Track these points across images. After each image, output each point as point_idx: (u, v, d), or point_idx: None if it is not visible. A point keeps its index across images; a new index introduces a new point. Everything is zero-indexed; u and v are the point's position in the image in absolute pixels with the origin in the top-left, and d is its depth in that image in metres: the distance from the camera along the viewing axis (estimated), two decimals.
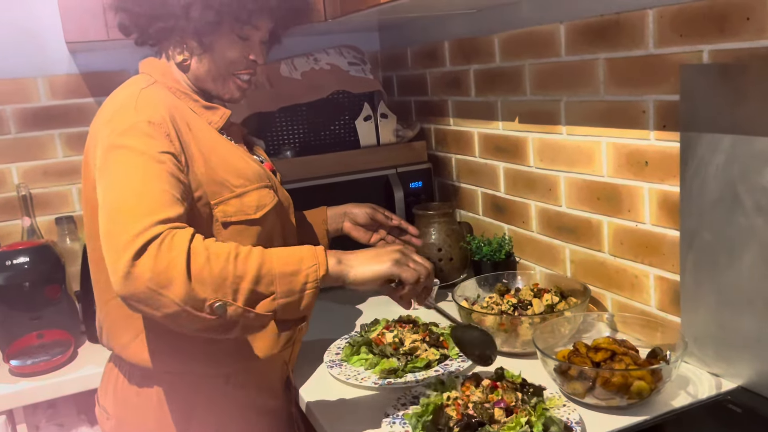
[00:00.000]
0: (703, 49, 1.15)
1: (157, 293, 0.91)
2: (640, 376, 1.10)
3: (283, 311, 0.99)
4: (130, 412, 1.20)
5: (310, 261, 1.00)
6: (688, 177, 1.21)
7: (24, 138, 1.96)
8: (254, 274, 0.96)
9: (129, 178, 1.01)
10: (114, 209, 0.97)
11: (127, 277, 0.91)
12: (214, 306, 0.93)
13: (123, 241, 0.92)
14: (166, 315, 0.93)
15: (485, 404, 1.08)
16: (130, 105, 1.10)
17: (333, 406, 1.25)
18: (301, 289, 0.99)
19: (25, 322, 1.58)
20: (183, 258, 0.92)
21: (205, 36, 1.17)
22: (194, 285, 0.92)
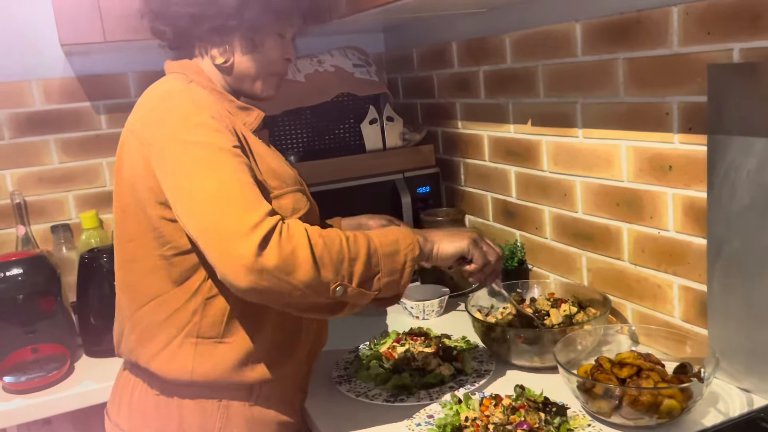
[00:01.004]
0: (734, 48, 1.09)
1: (283, 280, 0.95)
2: (670, 394, 1.04)
3: (386, 289, 1.06)
4: (148, 428, 1.14)
5: (406, 241, 1.07)
6: (717, 182, 1.15)
7: (18, 143, 1.90)
8: (365, 256, 1.02)
9: (220, 173, 1.00)
10: (219, 204, 0.97)
11: (253, 266, 0.92)
12: (335, 289, 0.99)
13: (241, 232, 0.94)
14: (286, 303, 1.00)
15: (507, 426, 1.02)
16: (185, 100, 1.09)
17: (343, 425, 1.18)
18: (401, 268, 1.06)
19: (19, 337, 1.51)
20: (306, 244, 0.97)
21: (255, 34, 1.16)
22: (320, 270, 0.97)
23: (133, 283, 1.15)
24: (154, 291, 1.12)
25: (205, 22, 1.14)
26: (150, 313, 1.12)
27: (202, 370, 1.11)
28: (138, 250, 1.12)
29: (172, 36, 1.19)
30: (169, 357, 1.11)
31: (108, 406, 1.24)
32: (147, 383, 1.16)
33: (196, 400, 1.13)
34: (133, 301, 1.15)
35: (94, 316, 1.59)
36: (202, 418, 1.13)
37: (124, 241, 1.15)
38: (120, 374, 1.23)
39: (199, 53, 1.19)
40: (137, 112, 1.13)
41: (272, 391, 1.19)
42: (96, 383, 1.49)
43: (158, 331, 1.12)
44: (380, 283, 1.04)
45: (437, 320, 1.64)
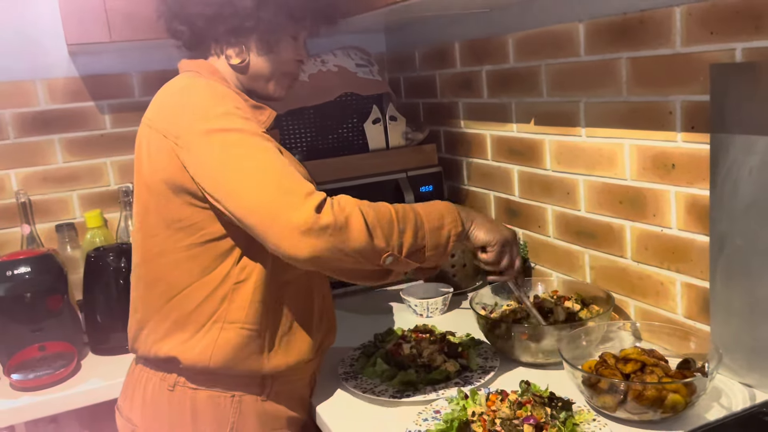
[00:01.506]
0: (736, 48, 1.11)
1: (338, 247, 0.98)
2: (674, 389, 1.05)
3: (430, 261, 1.10)
4: (161, 422, 1.15)
5: (450, 217, 1.11)
6: (719, 180, 1.16)
7: (23, 143, 1.91)
8: (413, 229, 1.06)
9: (261, 154, 1.03)
10: (269, 181, 1.00)
11: (311, 231, 0.96)
12: (386, 258, 1.04)
13: (295, 203, 0.97)
14: (341, 267, 1.04)
15: (513, 420, 1.03)
16: (208, 92, 1.11)
17: (349, 421, 1.19)
18: (445, 243, 1.10)
19: (26, 335, 1.52)
20: (359, 214, 1.01)
21: (271, 36, 1.18)
22: (374, 239, 1.01)
23: (161, 276, 1.15)
24: (184, 281, 1.13)
25: (222, 23, 1.16)
26: (181, 303, 1.13)
27: (221, 356, 1.12)
28: (164, 244, 1.13)
29: (189, 36, 1.21)
30: (195, 343, 1.13)
31: (119, 402, 1.25)
32: (160, 378, 1.17)
33: (209, 394, 1.15)
34: (162, 294, 1.15)
35: (101, 314, 1.60)
36: (215, 412, 1.14)
37: (148, 237, 1.16)
38: (132, 370, 1.24)
39: (214, 53, 1.21)
40: (155, 108, 1.15)
41: (283, 386, 1.20)
42: (103, 381, 1.49)
43: (189, 320, 1.13)
44: (425, 256, 1.09)
45: (441, 318, 1.65)
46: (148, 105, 1.18)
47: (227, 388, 1.15)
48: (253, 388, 1.16)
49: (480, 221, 1.17)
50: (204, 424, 1.14)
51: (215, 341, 1.12)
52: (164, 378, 1.16)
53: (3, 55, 1.85)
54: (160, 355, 1.15)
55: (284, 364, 1.17)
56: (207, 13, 1.17)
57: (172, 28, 1.23)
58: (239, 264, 1.12)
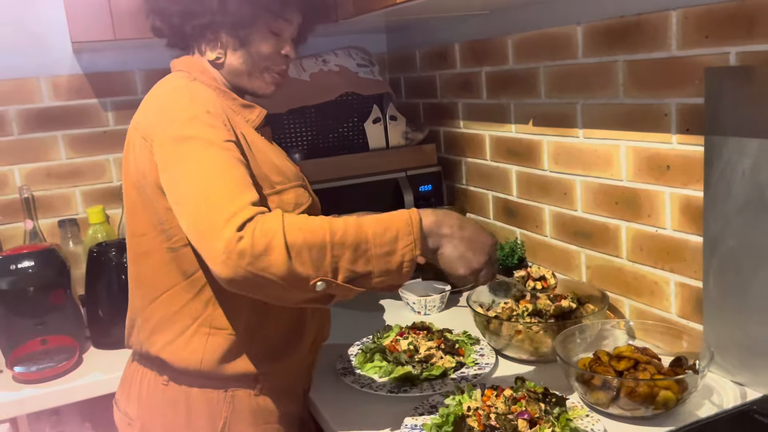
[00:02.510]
0: (730, 51, 1.13)
1: (259, 276, 0.92)
2: (666, 386, 1.07)
3: (381, 287, 1.00)
4: (157, 416, 1.17)
5: (406, 240, 0.98)
6: (713, 181, 1.18)
7: (26, 139, 1.93)
8: (353, 254, 0.96)
9: (206, 167, 1.01)
10: (201, 198, 0.97)
11: (228, 259, 0.91)
12: (316, 285, 0.95)
13: (218, 225, 0.93)
14: (266, 294, 0.97)
15: (508, 415, 1.05)
16: (184, 96, 1.10)
17: (348, 415, 1.21)
18: (397, 269, 0.98)
19: (29, 328, 1.54)
20: (281, 238, 0.92)
21: (240, 30, 1.17)
22: (295, 265, 0.93)
23: (145, 276, 1.18)
24: (166, 283, 1.15)
25: (193, 19, 1.16)
26: (164, 304, 1.15)
27: (211, 360, 1.14)
28: (149, 244, 1.15)
29: (169, 33, 1.22)
30: (182, 346, 1.14)
31: (117, 396, 1.27)
32: (156, 374, 1.19)
33: (203, 390, 1.16)
34: (146, 294, 1.17)
35: (103, 308, 1.62)
36: (209, 407, 1.16)
37: (136, 236, 1.18)
38: (129, 365, 1.26)
39: (196, 50, 1.22)
40: (141, 110, 1.16)
41: (276, 382, 1.22)
42: (104, 374, 1.51)
43: (172, 322, 1.15)
44: (371, 283, 0.98)
45: (438, 315, 1.67)
46: None
47: (220, 385, 1.16)
48: (246, 384, 1.18)
49: (452, 246, 1.03)
50: (198, 419, 1.16)
51: (204, 346, 1.13)
52: (159, 374, 1.18)
53: (8, 53, 1.87)
54: (151, 353, 1.17)
55: (277, 365, 1.18)
56: (178, 9, 1.17)
57: (153, 25, 1.24)
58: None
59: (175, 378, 1.17)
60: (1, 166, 1.91)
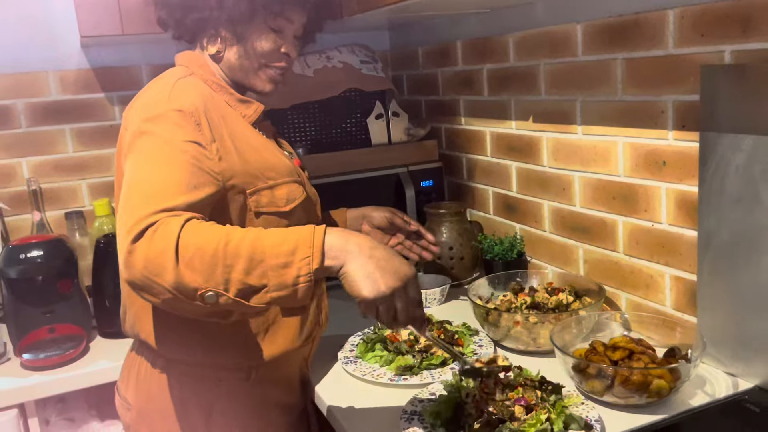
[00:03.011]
0: (725, 50, 1.16)
1: (151, 280, 0.89)
2: (659, 374, 1.10)
3: (278, 303, 0.92)
4: (152, 402, 1.20)
5: (304, 252, 0.90)
6: (708, 177, 1.21)
7: (34, 132, 1.96)
8: (244, 265, 0.90)
9: (148, 164, 1.01)
10: (126, 196, 0.98)
11: (126, 263, 0.91)
12: (205, 295, 0.90)
13: (126, 228, 0.92)
14: (163, 301, 0.92)
15: (506, 402, 1.08)
16: (163, 94, 1.11)
17: (350, 403, 1.24)
18: (293, 283, 0.90)
19: (37, 316, 1.57)
20: (172, 246, 0.89)
21: (237, 26, 1.18)
22: (183, 273, 0.89)
23: None
24: None
25: (194, 12, 1.18)
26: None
27: (202, 349, 1.16)
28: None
29: (173, 26, 1.24)
30: (164, 335, 1.16)
31: (118, 383, 1.30)
32: (150, 362, 1.21)
33: (195, 377, 1.19)
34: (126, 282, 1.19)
35: (109, 298, 1.65)
36: (201, 394, 1.18)
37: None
38: (128, 354, 1.29)
39: (198, 44, 1.24)
40: (131, 104, 1.17)
41: (269, 371, 1.24)
42: (110, 362, 1.55)
43: (147, 311, 1.17)
44: (267, 297, 0.91)
45: (438, 308, 1.70)
46: None
47: (213, 373, 1.19)
48: (239, 373, 1.20)
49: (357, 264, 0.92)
50: (191, 406, 1.19)
51: (189, 336, 1.15)
52: (154, 362, 1.21)
53: (17, 48, 1.90)
54: (141, 337, 1.19)
55: (270, 354, 1.20)
56: (180, 2, 1.19)
57: (159, 18, 1.26)
58: None
59: (168, 367, 1.19)
60: (10, 159, 1.94)
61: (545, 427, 1.03)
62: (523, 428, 1.03)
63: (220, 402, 1.19)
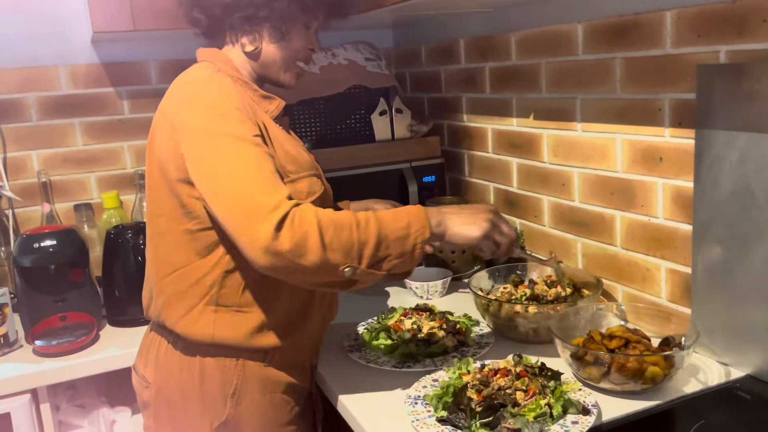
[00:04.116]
0: (720, 50, 1.20)
1: (295, 263, 1.03)
2: (654, 362, 1.14)
3: (396, 269, 1.12)
4: (172, 380, 1.24)
5: (417, 225, 1.11)
6: (703, 173, 1.25)
7: (45, 125, 2.00)
8: (374, 240, 1.08)
9: (240, 162, 1.08)
10: (239, 192, 1.05)
11: (268, 249, 1.01)
12: (344, 270, 1.06)
13: (259, 217, 1.02)
14: (302, 279, 1.08)
15: (507, 390, 1.12)
16: (214, 89, 1.17)
17: (354, 388, 1.28)
18: (411, 250, 1.11)
19: (49, 304, 1.61)
20: (316, 230, 1.03)
21: (283, 24, 1.25)
22: (328, 254, 1.04)
23: (161, 254, 1.24)
24: (179, 262, 1.21)
25: (238, 11, 1.23)
26: (174, 281, 1.22)
27: (221, 335, 1.21)
28: (167, 225, 1.22)
29: (206, 24, 1.28)
30: (191, 322, 1.21)
31: (135, 362, 1.34)
32: (171, 343, 1.26)
33: (216, 358, 1.23)
34: (159, 270, 1.24)
35: (119, 288, 1.69)
36: (221, 375, 1.23)
37: (155, 216, 1.24)
38: (147, 333, 1.33)
39: (230, 41, 1.29)
40: (170, 98, 1.22)
41: (285, 356, 1.28)
42: (120, 349, 1.58)
43: (181, 298, 1.22)
44: (390, 265, 1.10)
45: (440, 300, 1.74)
46: (165, 92, 1.26)
47: (232, 354, 1.23)
48: (257, 355, 1.25)
49: (455, 221, 1.15)
50: (210, 385, 1.23)
51: (212, 322, 1.20)
52: (174, 342, 1.25)
53: (30, 42, 1.94)
54: (167, 325, 1.24)
55: (284, 340, 1.25)
56: (223, 1, 1.24)
57: (191, 16, 1.30)
58: (228, 255, 1.19)
59: (189, 348, 1.24)
60: (21, 151, 1.98)
61: (545, 410, 1.07)
62: (524, 412, 1.07)
63: (239, 381, 1.24)
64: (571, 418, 1.08)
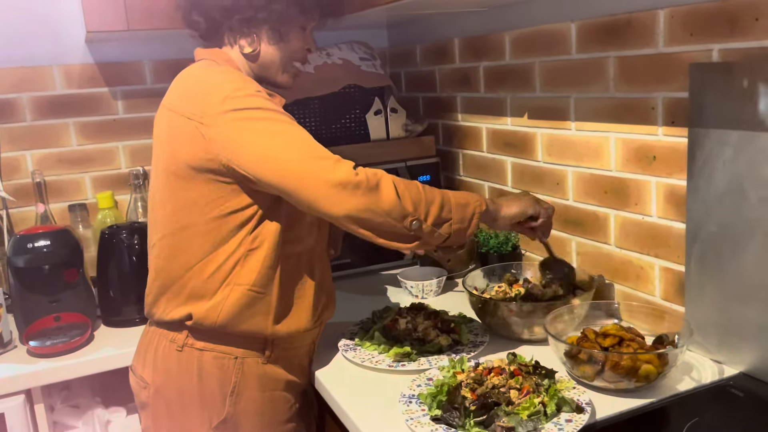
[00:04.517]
0: (713, 48, 1.20)
1: (370, 206, 1.11)
2: (647, 359, 1.15)
3: (455, 235, 1.21)
4: (170, 380, 1.24)
5: (476, 199, 1.25)
6: (696, 171, 1.25)
7: (39, 125, 1.99)
8: (440, 201, 1.19)
9: (290, 127, 1.14)
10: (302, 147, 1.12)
11: (344, 190, 1.09)
12: (412, 222, 1.15)
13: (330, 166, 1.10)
14: (372, 226, 1.14)
15: (501, 388, 1.12)
16: (231, 76, 1.20)
17: (348, 387, 1.29)
18: (470, 218, 1.22)
19: (44, 305, 1.61)
20: (389, 178, 1.14)
21: (282, 26, 1.27)
22: (403, 201, 1.13)
23: (184, 247, 1.23)
24: (204, 251, 1.22)
25: (237, 14, 1.25)
26: (200, 271, 1.22)
27: (227, 313, 1.21)
28: (190, 217, 1.21)
29: (205, 26, 1.29)
30: (206, 302, 1.22)
31: (133, 363, 1.34)
32: (170, 339, 1.26)
33: (215, 355, 1.24)
34: (183, 264, 1.23)
35: (114, 288, 1.69)
36: (220, 373, 1.23)
37: (176, 211, 1.23)
38: (145, 332, 1.33)
39: (228, 42, 1.29)
40: (176, 93, 1.23)
41: (283, 352, 1.29)
42: (114, 350, 1.58)
43: (206, 286, 1.22)
44: (450, 228, 1.19)
45: (435, 299, 1.74)
46: (160, 92, 1.27)
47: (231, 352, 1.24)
48: (255, 351, 1.26)
49: (506, 202, 1.32)
50: (209, 383, 1.23)
51: (224, 300, 1.21)
52: (174, 339, 1.25)
53: (24, 42, 1.94)
54: (175, 317, 1.24)
55: (285, 330, 1.26)
56: (223, 4, 1.25)
57: (189, 19, 1.31)
58: (253, 233, 1.21)
59: (189, 345, 1.24)
60: (15, 151, 1.97)
61: (538, 409, 1.08)
62: (517, 411, 1.08)
63: (238, 379, 1.24)
64: (565, 417, 1.08)
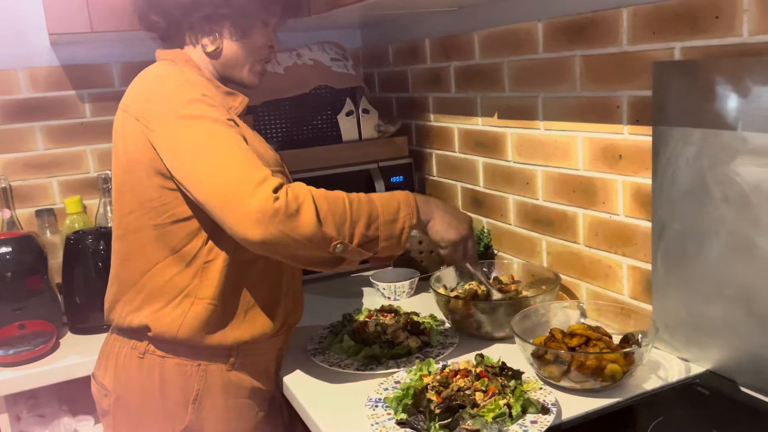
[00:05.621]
0: (675, 47, 1.20)
1: (290, 234, 1.03)
2: (613, 359, 1.14)
3: (383, 251, 1.16)
4: (131, 387, 1.22)
5: (407, 210, 1.16)
6: (660, 169, 1.25)
7: (4, 130, 1.95)
8: (366, 219, 1.11)
9: (221, 141, 1.08)
10: (226, 167, 1.05)
11: (261, 219, 1.01)
12: (336, 246, 1.08)
13: (250, 189, 1.02)
14: (293, 254, 1.08)
15: (466, 391, 1.11)
16: (180, 79, 1.17)
17: (316, 392, 1.27)
18: (398, 234, 1.15)
19: (7, 313, 1.58)
20: (311, 202, 1.05)
21: (243, 21, 1.25)
22: (324, 227, 1.06)
23: (136, 251, 1.22)
24: (158, 256, 1.20)
25: (197, 11, 1.22)
26: (155, 276, 1.20)
27: (189, 329, 1.19)
28: (138, 221, 1.20)
29: (164, 27, 1.27)
30: (165, 314, 1.20)
31: (95, 370, 1.32)
32: (131, 346, 1.24)
33: (177, 362, 1.22)
34: (137, 269, 1.22)
35: (80, 294, 1.66)
36: (182, 380, 1.21)
37: (125, 214, 1.22)
38: (107, 339, 1.31)
39: (189, 42, 1.27)
40: (131, 94, 1.21)
41: (248, 358, 1.27)
42: (81, 357, 1.56)
43: (162, 292, 1.20)
44: (378, 246, 1.14)
45: (407, 301, 1.74)
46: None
47: (193, 357, 1.22)
48: (219, 358, 1.24)
49: (440, 217, 1.21)
50: (171, 390, 1.21)
51: (185, 314, 1.19)
52: (135, 346, 1.23)
53: None
54: (133, 325, 1.22)
55: (248, 336, 1.24)
56: (182, 2, 1.23)
57: (148, 20, 1.29)
58: (207, 245, 1.19)
59: (150, 351, 1.22)
60: None
61: (504, 411, 1.07)
62: (482, 413, 1.07)
63: (201, 387, 1.22)
64: (531, 418, 1.07)
